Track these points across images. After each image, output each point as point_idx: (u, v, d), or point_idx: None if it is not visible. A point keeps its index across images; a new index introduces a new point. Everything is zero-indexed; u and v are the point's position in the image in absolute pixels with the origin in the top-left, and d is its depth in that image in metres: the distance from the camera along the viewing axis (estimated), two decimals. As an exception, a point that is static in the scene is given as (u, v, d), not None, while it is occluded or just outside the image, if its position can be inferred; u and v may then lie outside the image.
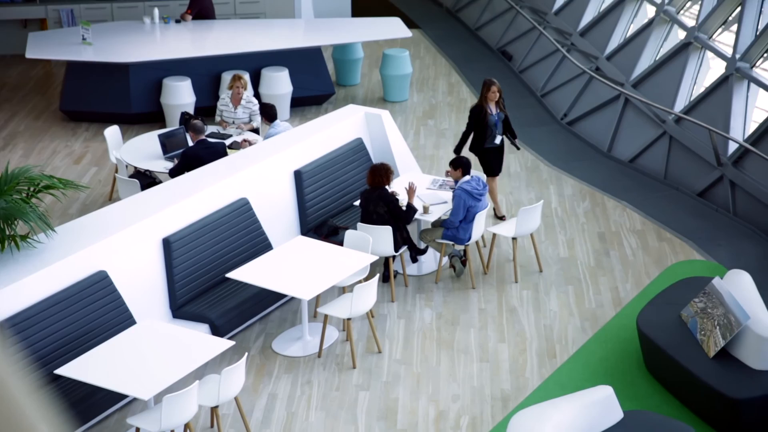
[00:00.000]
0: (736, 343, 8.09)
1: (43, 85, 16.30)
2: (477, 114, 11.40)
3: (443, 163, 12.92)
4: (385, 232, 9.86)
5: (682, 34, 13.23)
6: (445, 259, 10.53)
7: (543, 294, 10.23)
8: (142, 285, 9.03)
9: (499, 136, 11.46)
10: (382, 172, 9.99)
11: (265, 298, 9.62)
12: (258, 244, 10.00)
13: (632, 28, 14.67)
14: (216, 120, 12.58)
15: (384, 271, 10.28)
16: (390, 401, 8.62)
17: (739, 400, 7.74)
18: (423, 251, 10.49)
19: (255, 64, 14.62)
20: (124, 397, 8.34)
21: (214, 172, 10.18)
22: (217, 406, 7.93)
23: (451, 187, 10.63)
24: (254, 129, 12.42)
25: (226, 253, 9.70)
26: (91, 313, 8.41)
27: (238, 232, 9.87)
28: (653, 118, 13.10)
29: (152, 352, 8.01)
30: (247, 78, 13.37)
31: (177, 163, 10.93)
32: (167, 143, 11.57)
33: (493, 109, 11.40)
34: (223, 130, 12.25)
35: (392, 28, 15.64)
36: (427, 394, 8.72)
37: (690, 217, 11.72)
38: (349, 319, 9.07)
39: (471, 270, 10.35)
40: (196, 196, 9.68)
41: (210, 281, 9.54)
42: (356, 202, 10.61)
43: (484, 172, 11.37)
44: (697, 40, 12.67)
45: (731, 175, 11.56)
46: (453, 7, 20.09)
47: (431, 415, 8.45)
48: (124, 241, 8.93)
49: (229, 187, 10.01)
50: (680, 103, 12.73)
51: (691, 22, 13.08)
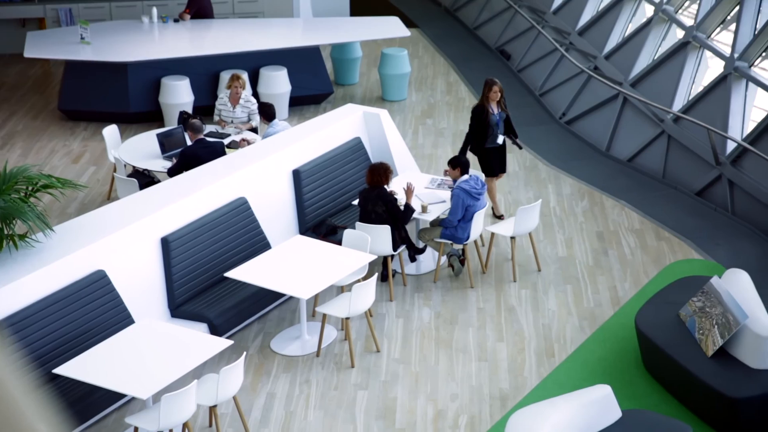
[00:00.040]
0: (734, 343, 8.09)
1: (42, 85, 16.29)
2: (479, 114, 11.39)
3: (442, 163, 12.92)
4: (384, 232, 9.86)
5: (680, 34, 13.23)
6: (444, 259, 10.53)
7: (541, 293, 10.23)
8: (141, 284, 9.02)
9: (501, 136, 11.46)
10: (381, 172, 9.99)
11: (264, 298, 9.62)
12: (256, 244, 10.00)
13: (631, 28, 14.67)
14: (214, 119, 12.58)
15: (382, 270, 10.28)
16: (388, 400, 8.62)
17: (738, 399, 7.74)
18: (421, 250, 10.49)
19: (253, 63, 14.62)
20: (123, 396, 8.34)
21: (213, 172, 10.18)
22: (215, 406, 7.93)
23: (450, 187, 10.62)
24: (253, 128, 12.42)
25: (224, 252, 9.70)
26: (89, 312, 8.41)
27: (237, 232, 9.86)
28: (652, 117, 13.10)
29: (151, 352, 8.01)
30: (245, 77, 13.37)
31: (175, 162, 10.93)
32: (166, 142, 11.56)
33: (494, 109, 11.39)
34: (222, 130, 12.24)
35: (391, 27, 15.63)
36: (425, 393, 8.72)
37: (688, 217, 11.72)
38: (348, 319, 9.07)
39: (469, 269, 10.35)
40: (194, 196, 9.68)
41: (208, 280, 9.54)
42: (355, 202, 10.61)
43: (482, 171, 11.36)
44: (696, 40, 12.67)
45: (729, 174, 11.56)
46: (451, 7, 20.08)
47: (430, 414, 8.45)
48: (122, 240, 8.93)
49: (228, 186, 10.01)
50: (679, 103, 12.73)
51: (690, 22, 13.08)
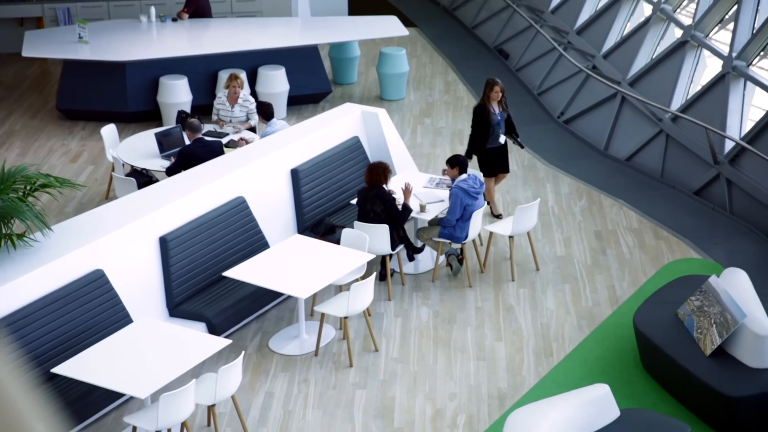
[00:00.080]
0: (732, 342, 8.09)
1: (40, 84, 16.28)
2: (480, 114, 11.39)
3: (440, 162, 12.92)
4: (382, 231, 9.86)
5: (678, 33, 13.23)
6: (442, 258, 10.53)
7: (540, 292, 10.23)
8: (139, 284, 9.02)
9: (503, 136, 11.46)
10: (380, 171, 9.99)
11: (262, 297, 9.62)
12: (255, 243, 10.00)
13: (629, 27, 14.67)
14: (213, 119, 12.58)
15: (381, 269, 10.27)
16: (387, 400, 8.62)
17: (736, 398, 7.75)
18: (420, 250, 10.49)
19: (252, 62, 14.62)
20: (121, 395, 8.34)
21: (211, 171, 10.18)
22: (214, 405, 7.93)
23: (448, 186, 10.62)
24: (252, 127, 12.42)
25: (222, 251, 9.69)
26: (87, 311, 8.41)
27: (235, 231, 9.86)
28: (650, 116, 13.10)
29: (149, 351, 8.01)
30: (243, 77, 13.37)
31: (174, 161, 10.92)
32: (164, 142, 11.56)
33: (495, 109, 11.39)
34: (220, 129, 12.24)
35: (389, 26, 15.62)
36: (423, 392, 8.72)
37: (687, 216, 11.72)
38: (346, 318, 9.07)
39: (468, 268, 10.35)
40: (192, 195, 9.67)
41: (207, 280, 9.54)
42: (353, 201, 10.61)
43: (481, 170, 11.36)
44: (694, 39, 12.68)
45: (728, 173, 11.57)
46: (450, 6, 20.08)
47: (428, 413, 8.45)
48: (120, 239, 8.93)
49: (226, 185, 10.00)
50: (677, 102, 12.73)
51: (688, 21, 13.08)
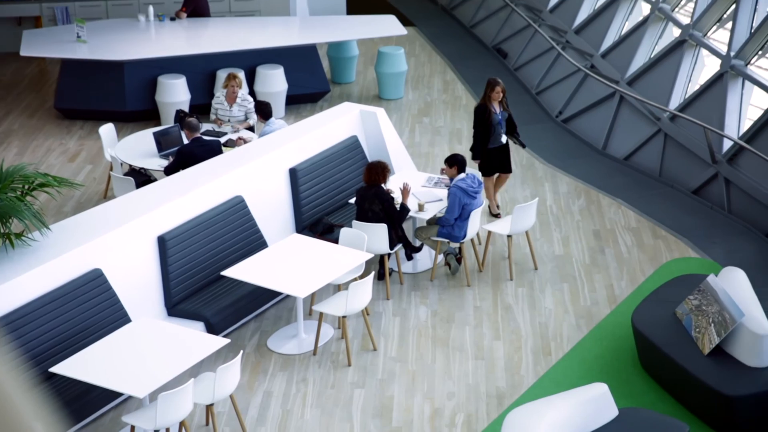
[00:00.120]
0: (730, 341, 8.10)
1: (38, 83, 16.27)
2: (481, 114, 11.38)
3: (438, 161, 12.92)
4: (381, 230, 9.86)
5: (677, 32, 13.23)
6: (440, 257, 10.53)
7: (538, 291, 10.23)
8: (137, 283, 9.02)
9: (504, 136, 11.45)
10: (378, 170, 9.99)
11: (261, 296, 9.62)
12: (253, 242, 9.99)
13: (627, 26, 14.67)
14: (211, 118, 12.57)
15: (379, 268, 10.27)
16: (385, 399, 8.62)
17: (734, 398, 7.75)
18: (418, 249, 10.49)
19: (250, 61, 14.61)
20: (119, 395, 8.33)
21: (210, 170, 10.17)
22: (212, 404, 7.92)
23: (447, 185, 10.62)
24: (250, 127, 12.42)
25: (221, 251, 9.69)
26: (86, 311, 8.41)
27: (233, 230, 9.86)
28: (648, 115, 13.11)
29: (147, 350, 8.01)
30: (242, 76, 13.37)
31: (172, 161, 10.92)
32: (162, 141, 11.56)
33: (496, 109, 11.39)
34: (218, 128, 12.24)
35: (387, 25, 15.62)
36: (422, 391, 8.72)
37: (685, 215, 11.73)
38: (345, 317, 9.07)
39: (466, 268, 10.35)
40: (191, 194, 9.67)
41: (205, 279, 9.54)
42: (352, 200, 10.61)
43: (480, 170, 11.36)
44: (692, 38, 12.68)
45: (726, 172, 11.57)
46: (448, 5, 20.08)
47: (426, 412, 8.45)
48: (119, 239, 8.92)
49: (224, 184, 10.00)
50: (675, 101, 12.74)
51: (686, 20, 13.09)
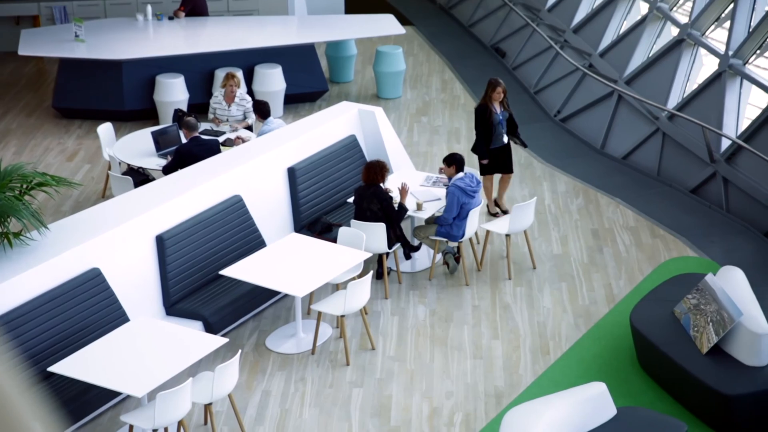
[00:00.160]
0: (729, 340, 8.10)
1: (36, 82, 16.26)
2: (482, 114, 11.38)
3: (437, 160, 12.91)
4: (379, 229, 9.86)
5: (675, 31, 13.24)
6: (439, 256, 10.53)
7: (536, 291, 10.24)
8: (136, 282, 9.02)
9: (506, 136, 11.45)
10: (377, 170, 9.99)
11: (259, 296, 9.62)
12: (251, 242, 9.99)
13: (625, 25, 14.68)
14: (209, 117, 12.56)
15: (377, 268, 10.27)
16: (383, 398, 8.62)
17: (732, 397, 7.76)
18: (416, 248, 10.49)
19: (248, 61, 14.61)
20: (118, 394, 8.33)
21: (208, 170, 10.17)
22: (210, 404, 7.92)
23: (445, 184, 10.62)
24: (248, 126, 12.42)
25: (219, 250, 9.69)
26: (84, 310, 8.41)
27: (232, 230, 9.86)
28: (646, 115, 13.11)
29: (146, 350, 8.01)
30: (240, 75, 13.36)
31: (170, 160, 10.92)
32: (160, 140, 11.55)
33: (497, 109, 11.39)
34: (217, 127, 12.24)
35: (385, 25, 15.62)
36: (420, 390, 8.72)
37: (683, 214, 11.73)
38: (343, 316, 9.07)
39: (464, 267, 10.35)
40: (189, 194, 9.67)
41: (203, 278, 9.53)
42: (350, 199, 10.61)
43: (479, 169, 11.36)
44: (690, 37, 12.68)
45: (724, 171, 11.58)
46: (446, 4, 20.07)
47: (425, 411, 8.45)
48: (117, 238, 8.92)
49: (223, 184, 10.00)
50: (673, 100, 12.74)
51: (684, 19, 13.09)
